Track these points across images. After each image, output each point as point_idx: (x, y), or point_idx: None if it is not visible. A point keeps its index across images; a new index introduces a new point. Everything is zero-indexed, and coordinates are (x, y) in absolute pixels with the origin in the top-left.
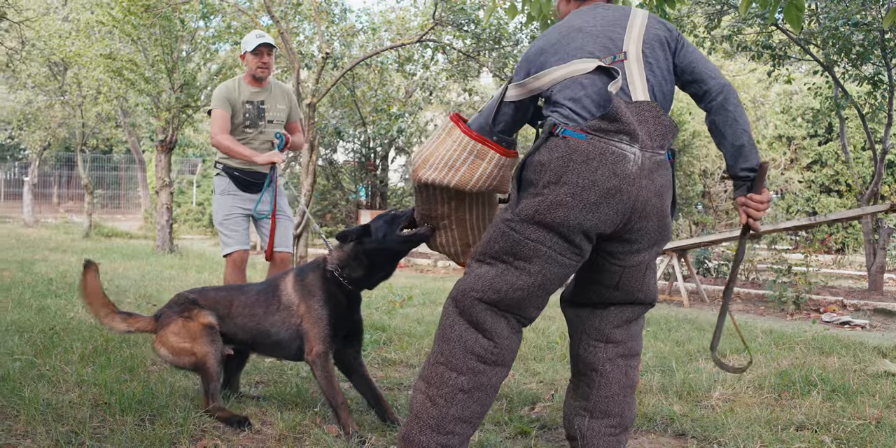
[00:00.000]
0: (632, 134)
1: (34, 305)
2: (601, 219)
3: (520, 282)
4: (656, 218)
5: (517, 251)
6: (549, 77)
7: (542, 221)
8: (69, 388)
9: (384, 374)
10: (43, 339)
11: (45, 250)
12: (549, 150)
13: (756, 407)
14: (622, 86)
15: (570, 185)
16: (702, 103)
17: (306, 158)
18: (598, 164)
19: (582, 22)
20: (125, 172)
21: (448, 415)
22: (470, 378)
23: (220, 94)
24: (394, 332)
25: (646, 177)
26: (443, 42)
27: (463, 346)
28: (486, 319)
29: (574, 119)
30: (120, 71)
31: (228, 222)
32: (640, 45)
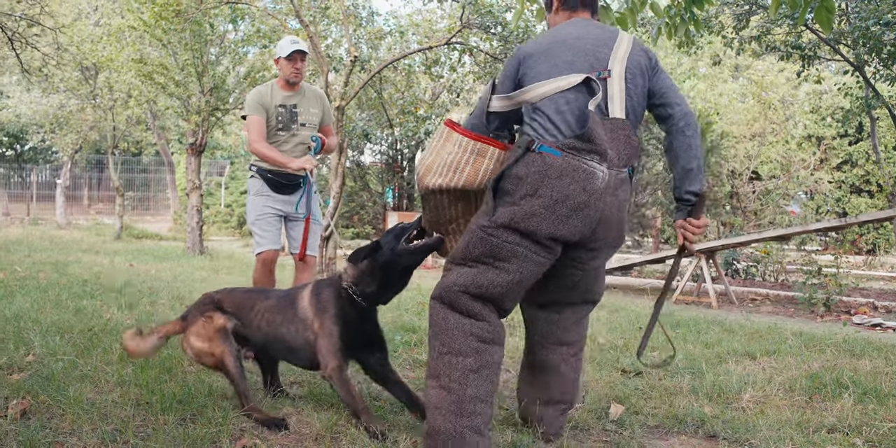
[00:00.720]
0: (602, 154)
1: (71, 307)
2: (570, 230)
3: (499, 279)
4: (616, 228)
5: (496, 253)
6: (537, 91)
7: (516, 228)
8: (111, 387)
9: (416, 375)
10: (83, 340)
11: (78, 252)
12: (526, 165)
13: (787, 409)
14: (602, 102)
15: (545, 198)
16: (664, 125)
17: (335, 160)
18: (570, 180)
19: (572, 35)
20: (154, 174)
21: (466, 396)
22: (476, 358)
23: (254, 99)
24: (424, 333)
25: (610, 193)
26: (470, 44)
27: (462, 331)
28: (475, 306)
29: (552, 133)
30: (150, 75)
31: (261, 222)
32: (624, 66)
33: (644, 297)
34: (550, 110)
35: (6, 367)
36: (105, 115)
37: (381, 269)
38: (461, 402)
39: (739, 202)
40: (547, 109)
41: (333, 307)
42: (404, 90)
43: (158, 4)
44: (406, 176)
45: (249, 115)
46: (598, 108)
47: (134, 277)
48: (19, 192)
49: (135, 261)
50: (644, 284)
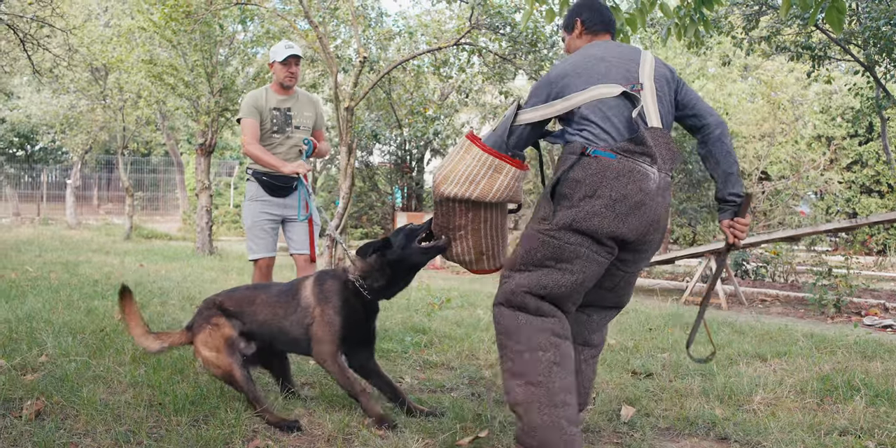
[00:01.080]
0: (652, 156)
1: (83, 307)
2: (629, 227)
3: (564, 279)
4: (662, 230)
5: (559, 255)
6: (578, 98)
7: (578, 229)
8: (124, 388)
9: (426, 377)
10: (95, 341)
11: (88, 252)
12: (582, 168)
13: (798, 411)
14: (642, 112)
15: (604, 198)
16: (698, 134)
17: (344, 161)
18: (627, 180)
19: (601, 52)
20: (163, 175)
21: (554, 387)
22: (554, 351)
23: (248, 103)
24: (434, 334)
25: (660, 194)
26: (479, 45)
27: (535, 327)
28: (542, 305)
29: (603, 138)
30: (160, 75)
31: (256, 229)
32: (653, 79)
33: (653, 297)
34: (597, 118)
35: (20, 367)
36: (115, 116)
37: (389, 265)
38: (552, 394)
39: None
40: (594, 117)
41: (337, 298)
42: (413, 91)
43: (168, 5)
44: (415, 176)
45: (244, 117)
46: (640, 117)
47: (144, 278)
48: (30, 192)
49: (145, 261)
50: (653, 285)
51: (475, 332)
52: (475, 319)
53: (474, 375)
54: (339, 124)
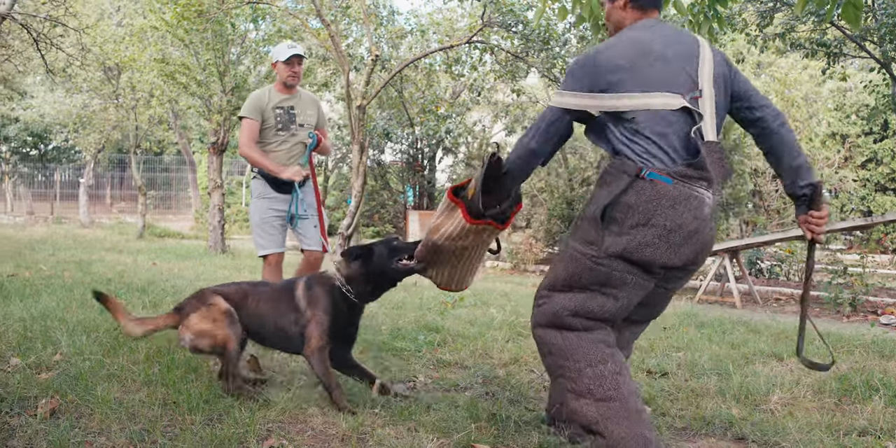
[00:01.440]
0: (710, 180)
1: (96, 306)
2: (681, 257)
3: (609, 304)
4: (708, 252)
5: (605, 281)
6: (634, 101)
7: (629, 259)
8: (138, 387)
9: (440, 376)
10: (109, 339)
11: (101, 251)
12: (636, 193)
13: (816, 411)
14: (699, 129)
15: (658, 227)
16: (754, 128)
17: (356, 159)
18: (683, 208)
19: (658, 44)
20: (176, 174)
21: (626, 397)
22: (613, 361)
23: (251, 103)
24: (447, 333)
25: (712, 218)
26: (491, 43)
27: (588, 341)
28: (587, 323)
29: (658, 157)
30: (173, 74)
31: (264, 225)
32: (712, 82)
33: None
34: (653, 133)
35: (34, 366)
36: (127, 115)
37: (369, 275)
38: (626, 404)
39: (762, 201)
40: (649, 132)
41: (325, 300)
42: (425, 89)
43: (180, 5)
44: (427, 175)
45: (245, 117)
46: (697, 134)
47: (157, 276)
48: (43, 191)
49: (157, 259)
50: None
51: (489, 331)
52: (488, 318)
53: (488, 374)
54: (352, 123)
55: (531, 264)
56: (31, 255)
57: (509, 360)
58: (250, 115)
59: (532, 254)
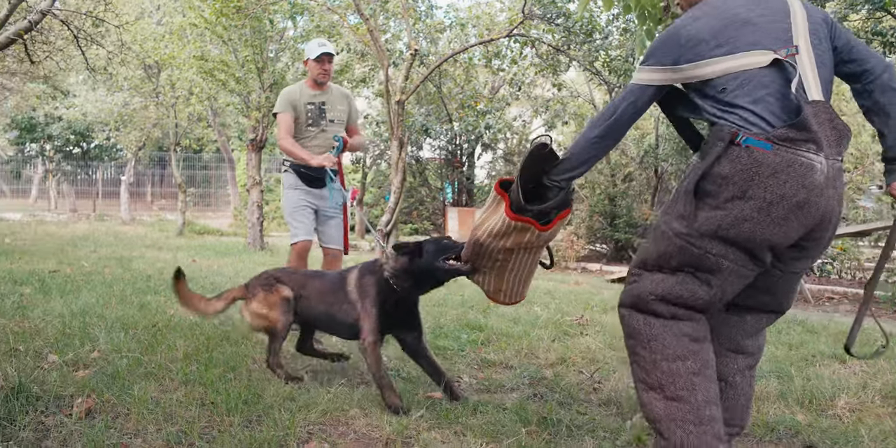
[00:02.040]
0: (818, 142)
1: (136, 302)
2: (787, 233)
3: (701, 291)
4: (833, 227)
5: (698, 264)
6: (718, 66)
7: (725, 237)
8: (175, 386)
9: (485, 376)
10: (147, 336)
11: (141, 247)
12: (731, 162)
13: (888, 418)
14: (799, 84)
15: (757, 199)
16: (859, 83)
17: (395, 155)
18: (786, 177)
19: (745, 10)
20: (215, 171)
21: (699, 401)
22: (694, 359)
23: (284, 98)
24: (491, 331)
25: (831, 186)
26: (532, 36)
27: (672, 333)
28: (676, 310)
29: (757, 124)
30: (212, 71)
31: (297, 214)
32: (808, 37)
33: None
34: (745, 101)
35: (72, 363)
36: (167, 113)
37: (415, 272)
38: (696, 409)
39: None
40: (739, 100)
41: (374, 292)
42: (463, 84)
43: (219, 1)
44: (465, 171)
45: (280, 112)
46: (800, 90)
47: (197, 273)
48: (86, 188)
49: (197, 256)
50: None
51: (533, 330)
52: (532, 316)
53: (535, 375)
54: (391, 118)
55: (572, 261)
56: (73, 251)
57: (556, 360)
58: (283, 110)
59: (573, 251)
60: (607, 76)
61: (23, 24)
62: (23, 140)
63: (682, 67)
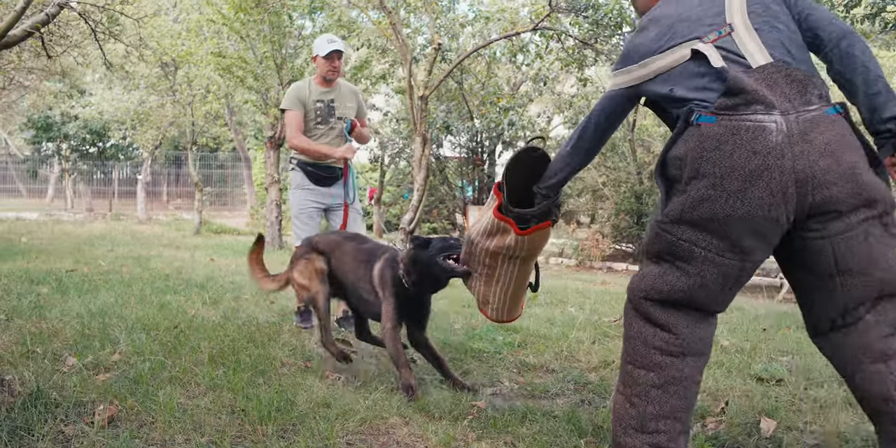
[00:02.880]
0: (765, 101)
1: (155, 302)
2: (753, 205)
3: (680, 283)
4: (842, 180)
5: (674, 252)
6: (655, 64)
7: (689, 220)
8: (202, 391)
9: (525, 380)
10: (169, 338)
11: (158, 246)
12: (684, 142)
13: None
14: (737, 57)
15: (709, 176)
16: (820, 53)
17: (419, 152)
18: (732, 146)
19: (685, 9)
20: (231, 170)
21: (647, 413)
22: (658, 373)
23: (292, 95)
24: (527, 333)
25: (798, 142)
26: (558, 29)
27: (643, 341)
28: (658, 314)
29: (707, 107)
30: (229, 68)
31: (302, 215)
32: (745, 11)
33: (759, 296)
34: (689, 92)
35: (92, 366)
36: (184, 111)
37: (418, 265)
38: (643, 417)
39: None
40: (686, 93)
41: (391, 285)
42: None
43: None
44: (486, 169)
45: (288, 109)
46: (737, 63)
47: (215, 272)
48: (102, 188)
49: (215, 255)
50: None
51: (571, 332)
52: (568, 317)
53: (579, 380)
54: (413, 115)
55: (597, 261)
56: (90, 250)
57: (598, 363)
58: (293, 107)
59: (598, 250)
60: None
61: (40, 16)
62: (39, 139)
63: (630, 68)
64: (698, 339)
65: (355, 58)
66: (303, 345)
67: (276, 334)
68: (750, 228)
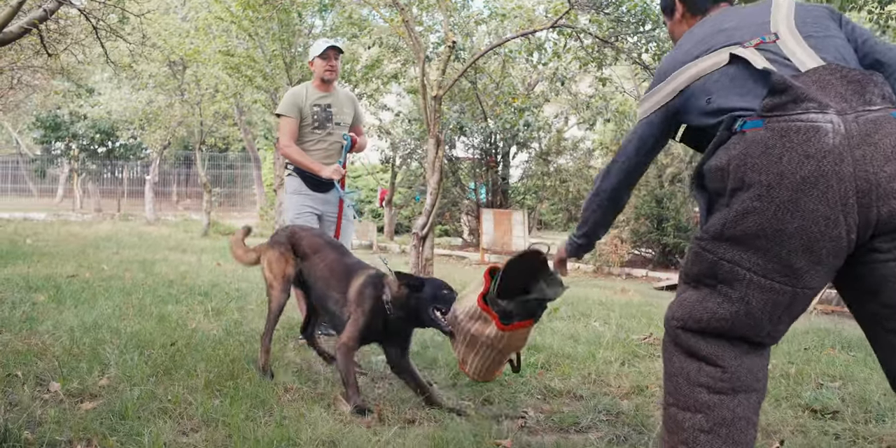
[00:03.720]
0: (817, 100)
1: (155, 313)
2: (807, 217)
3: (721, 310)
4: None
5: (715, 273)
6: (688, 72)
7: (732, 236)
8: (195, 425)
9: (552, 409)
10: (164, 358)
11: (165, 249)
12: (726, 151)
13: None
14: (783, 60)
15: (755, 185)
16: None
17: (432, 154)
18: (780, 150)
19: (715, 24)
20: (240, 171)
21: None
22: (706, 415)
23: (289, 100)
24: (551, 352)
25: (859, 145)
26: (578, 27)
27: (686, 378)
28: (700, 346)
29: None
30: (238, 67)
31: (299, 220)
32: (792, 21)
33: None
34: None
35: (77, 392)
36: (192, 111)
37: (407, 306)
38: None
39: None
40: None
41: (369, 306)
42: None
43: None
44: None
45: (283, 115)
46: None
47: (221, 278)
48: (111, 188)
49: (221, 259)
50: None
51: (598, 351)
52: (593, 334)
53: (611, 409)
54: (427, 115)
55: (616, 267)
56: (95, 253)
57: (630, 388)
58: (288, 113)
59: (617, 255)
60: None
61: (38, 12)
62: (48, 139)
63: (658, 87)
64: (749, 372)
65: (366, 57)
66: (309, 366)
67: (279, 353)
68: (803, 246)
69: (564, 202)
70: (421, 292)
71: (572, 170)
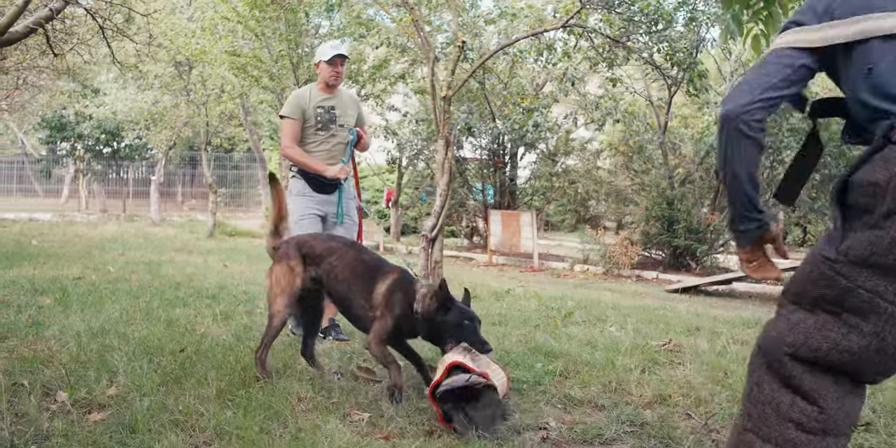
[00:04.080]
0: None
1: (163, 317)
2: None
3: (847, 342)
4: None
5: (845, 301)
6: (851, 28)
7: (882, 265)
8: (207, 439)
9: (573, 419)
10: (174, 366)
11: (171, 251)
12: (884, 164)
13: None
14: None
15: None
16: None
17: (441, 155)
18: None
19: None
20: (246, 171)
21: None
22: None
23: (293, 102)
24: (569, 358)
25: None
26: (589, 26)
27: (776, 410)
28: (804, 379)
29: None
30: (244, 67)
31: (304, 222)
32: None
33: None
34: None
35: (84, 402)
36: (198, 111)
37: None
38: None
39: None
40: (885, 82)
41: (399, 310)
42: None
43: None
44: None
45: (286, 117)
46: None
47: (228, 280)
48: (116, 188)
49: (228, 261)
50: None
51: (617, 357)
52: (610, 340)
53: (634, 419)
54: (436, 115)
55: (626, 269)
56: (100, 255)
57: (653, 397)
58: (291, 115)
59: (627, 258)
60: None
61: (43, 12)
62: (53, 139)
63: (817, 27)
64: (846, 416)
65: (373, 57)
66: (321, 373)
67: (291, 360)
68: None
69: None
70: (447, 316)
71: (580, 170)
